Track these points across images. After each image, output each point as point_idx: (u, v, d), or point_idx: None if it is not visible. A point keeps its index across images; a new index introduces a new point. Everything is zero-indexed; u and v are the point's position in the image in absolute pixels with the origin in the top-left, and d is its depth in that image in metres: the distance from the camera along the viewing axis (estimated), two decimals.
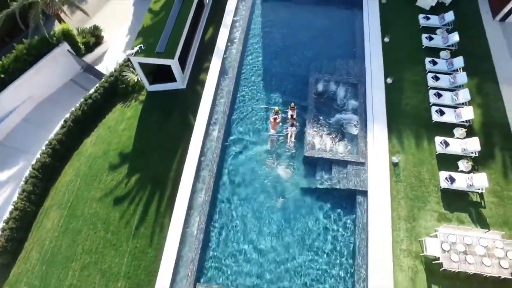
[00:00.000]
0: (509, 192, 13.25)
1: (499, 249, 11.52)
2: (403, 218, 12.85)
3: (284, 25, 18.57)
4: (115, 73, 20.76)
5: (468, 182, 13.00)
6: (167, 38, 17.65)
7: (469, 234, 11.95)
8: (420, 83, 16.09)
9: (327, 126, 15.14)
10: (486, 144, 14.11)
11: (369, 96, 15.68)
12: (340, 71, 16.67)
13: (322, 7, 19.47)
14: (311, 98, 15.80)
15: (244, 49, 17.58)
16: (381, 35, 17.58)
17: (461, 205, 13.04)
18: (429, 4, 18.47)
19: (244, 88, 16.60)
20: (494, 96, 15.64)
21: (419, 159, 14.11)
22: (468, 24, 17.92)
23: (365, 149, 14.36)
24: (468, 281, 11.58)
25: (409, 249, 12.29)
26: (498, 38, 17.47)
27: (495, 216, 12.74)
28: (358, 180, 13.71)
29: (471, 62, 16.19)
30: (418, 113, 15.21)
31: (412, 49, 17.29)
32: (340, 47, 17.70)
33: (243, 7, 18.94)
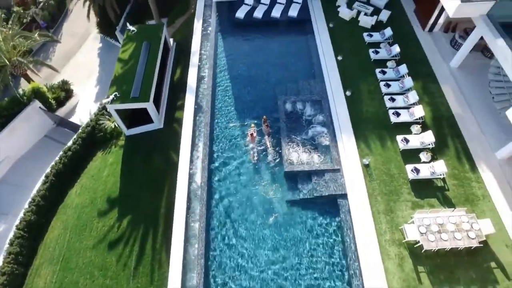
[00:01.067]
0: (465, 173, 15.12)
1: (466, 223, 13.11)
2: (382, 212, 14.24)
3: (247, 57, 20.27)
4: (91, 123, 21.41)
5: (431, 170, 14.74)
6: (140, 83, 18.76)
7: (440, 215, 13.50)
8: (375, 92, 18.12)
9: (300, 142, 16.56)
10: (439, 135, 16.10)
11: (333, 109, 17.42)
12: (304, 91, 18.43)
13: (278, 36, 21.46)
14: (281, 118, 17.28)
15: (214, 84, 18.98)
16: (334, 55, 19.68)
17: (429, 191, 14.68)
18: (370, 24, 21.03)
19: (219, 118, 17.83)
20: (437, 93, 17.92)
21: (386, 157, 15.79)
22: (404, 36, 20.54)
23: (338, 157, 15.85)
24: (446, 256, 12.98)
25: (392, 239, 13.59)
26: (430, 46, 20.15)
27: (458, 196, 14.46)
28: (336, 185, 15.08)
29: (413, 68, 18.55)
30: (378, 118, 17.08)
31: (363, 63, 19.45)
32: (300, 70, 19.55)
33: (207, 46, 20.51)
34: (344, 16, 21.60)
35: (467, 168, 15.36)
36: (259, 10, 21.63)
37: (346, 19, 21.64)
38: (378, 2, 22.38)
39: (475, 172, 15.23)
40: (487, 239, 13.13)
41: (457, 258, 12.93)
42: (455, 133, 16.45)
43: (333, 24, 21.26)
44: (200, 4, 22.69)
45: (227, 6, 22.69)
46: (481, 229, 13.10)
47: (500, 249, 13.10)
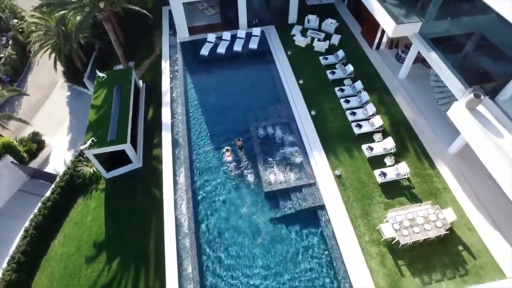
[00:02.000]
0: (426, 171, 16.83)
1: (432, 215, 14.59)
2: (359, 216, 15.46)
3: (216, 89, 21.51)
4: (69, 171, 21.53)
5: (396, 172, 16.31)
6: (116, 126, 19.38)
7: (410, 211, 14.90)
8: (336, 108, 19.83)
9: (276, 163, 17.72)
10: (398, 140, 17.87)
11: (301, 129, 18.86)
12: (273, 115, 19.82)
13: (243, 68, 23.01)
14: (255, 143, 18.47)
15: (188, 118, 19.96)
16: (296, 79, 21.42)
17: (397, 191, 16.16)
18: (324, 48, 23.18)
19: (197, 150, 18.68)
20: (391, 103, 19.94)
21: (355, 166, 17.24)
22: (356, 56, 22.79)
23: (312, 171, 17.11)
24: (421, 247, 14.28)
25: (371, 239, 14.76)
26: (379, 62, 22.49)
27: (422, 192, 16.04)
28: (314, 198, 16.23)
29: (367, 83, 20.59)
30: (342, 131, 18.67)
31: (323, 84, 21.28)
32: (267, 96, 21.02)
33: (176, 84, 21.64)
34: (300, 44, 23.66)
35: (426, 166, 17.09)
36: (222, 46, 23.23)
37: (302, 46, 23.69)
38: (328, 28, 24.76)
39: (434, 168, 16.98)
40: (452, 226, 14.64)
41: (430, 247, 14.26)
42: (411, 136, 18.32)
43: (291, 51, 23.22)
44: (165, 45, 24.04)
45: (191, 45, 24.13)
46: (445, 218, 14.62)
47: (464, 233, 14.63)
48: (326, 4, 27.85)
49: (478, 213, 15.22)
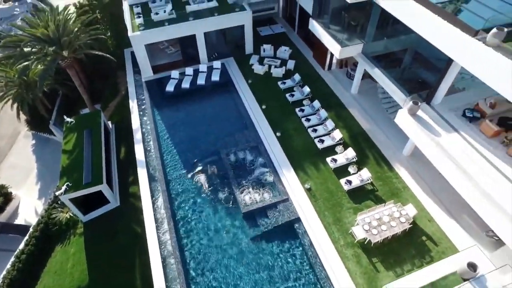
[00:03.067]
0: (386, 173, 18.58)
1: (396, 212, 16.14)
2: (332, 224, 16.71)
3: (185, 122, 22.46)
4: (43, 219, 21.31)
5: (360, 179, 17.89)
6: (90, 168, 19.75)
7: (376, 211, 16.37)
8: (299, 127, 21.42)
9: (250, 184, 18.77)
10: (358, 149, 19.62)
11: (269, 150, 20.16)
12: (241, 141, 21.02)
13: (208, 100, 24.14)
14: (228, 169, 19.49)
15: (161, 153, 20.64)
16: (259, 105, 22.92)
17: (363, 196, 17.68)
18: (281, 73, 25.10)
19: (173, 182, 19.35)
20: (348, 117, 21.89)
21: (323, 178, 18.67)
22: (311, 77, 24.86)
23: (284, 188, 18.30)
24: (390, 243, 15.68)
25: (346, 243, 15.99)
26: (333, 81, 24.69)
27: (385, 193, 17.68)
28: (289, 213, 17.34)
29: (324, 101, 22.52)
30: (307, 148, 20.18)
31: (284, 107, 22.92)
32: (234, 124, 22.26)
33: (146, 121, 22.41)
34: (259, 72, 25.46)
35: (386, 169, 18.87)
36: (186, 81, 24.47)
37: (261, 74, 25.48)
38: (283, 55, 26.86)
39: (392, 170, 18.79)
40: (414, 219, 16.25)
41: (398, 242, 15.69)
42: (369, 144, 20.18)
43: (252, 80, 24.89)
44: (131, 86, 24.91)
45: (156, 83, 25.15)
46: (408, 214, 16.21)
47: (425, 224, 16.27)
48: (279, 33, 30.19)
49: (434, 205, 17.01)
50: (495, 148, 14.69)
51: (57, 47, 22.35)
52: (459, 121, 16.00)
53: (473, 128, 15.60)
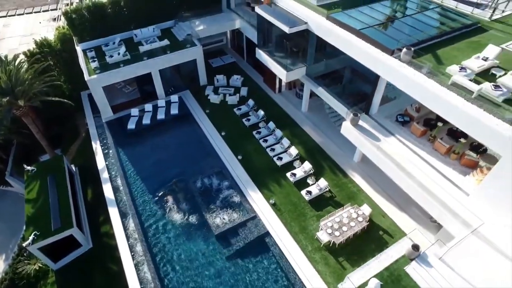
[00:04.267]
0: (341, 180, 20.55)
1: (354, 213, 17.96)
2: (299, 232, 18.13)
3: (150, 156, 23.18)
4: (7, 276, 20.66)
5: (318, 188, 19.63)
6: (58, 213, 19.71)
7: (336, 215, 18.07)
8: (258, 149, 23.00)
9: (219, 207, 19.84)
10: (314, 161, 21.52)
11: (233, 173, 21.45)
12: (206, 167, 22.14)
13: (170, 132, 25.06)
14: (196, 195, 20.48)
15: (130, 189, 21.13)
16: (218, 132, 24.32)
17: (324, 203, 19.39)
18: (236, 101, 26.85)
19: (146, 215, 19.90)
20: (301, 133, 23.91)
21: (285, 192, 20.20)
22: (264, 101, 26.82)
23: (251, 206, 19.56)
24: (352, 242, 17.33)
25: (313, 248, 17.42)
26: (284, 102, 26.84)
27: (343, 197, 19.54)
28: (258, 228, 18.56)
29: (279, 121, 24.44)
30: (268, 166, 21.73)
31: (242, 131, 24.50)
32: (197, 152, 23.36)
33: (111, 160, 22.84)
34: (215, 101, 27.01)
35: (341, 176, 20.84)
36: (146, 117, 25.36)
37: (217, 103, 27.04)
38: (236, 83, 28.75)
39: (346, 177, 20.79)
40: (370, 217, 18.13)
41: (359, 239, 17.41)
42: (323, 156, 22.18)
43: (209, 109, 26.35)
44: (92, 127, 25.31)
45: (117, 122, 25.71)
46: (364, 213, 18.09)
47: (380, 220, 18.21)
48: (229, 63, 32.24)
49: (386, 202, 19.10)
50: (424, 145, 17.20)
51: (11, 97, 22.42)
52: (394, 126, 18.45)
53: (406, 131, 18.10)
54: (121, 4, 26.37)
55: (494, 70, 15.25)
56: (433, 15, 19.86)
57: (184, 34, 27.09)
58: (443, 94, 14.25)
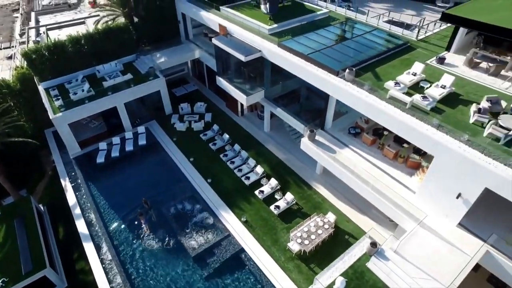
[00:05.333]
0: (306, 192, 22.08)
1: (320, 221, 19.41)
2: (271, 245, 19.23)
3: (122, 188, 23.55)
4: None
5: (285, 202, 20.99)
6: (28, 255, 19.38)
7: (304, 225, 19.41)
8: (226, 170, 24.14)
9: (193, 230, 20.56)
10: (279, 177, 22.97)
11: (204, 196, 22.33)
12: (178, 193, 22.89)
13: (140, 162, 25.65)
14: (171, 220, 21.10)
15: (104, 222, 21.28)
16: (187, 158, 25.24)
17: (292, 215, 20.72)
18: (201, 127, 28.01)
19: (123, 245, 20.15)
20: (265, 152, 25.43)
21: (256, 209, 21.36)
22: (228, 125, 28.21)
23: (224, 226, 20.47)
24: (322, 248, 18.67)
25: (286, 258, 18.55)
26: (248, 124, 28.39)
27: (309, 208, 21.00)
28: (233, 246, 19.45)
29: (243, 143, 25.83)
30: (237, 186, 22.86)
31: (210, 155, 25.58)
32: (168, 179, 24.03)
33: (83, 196, 22.88)
34: (181, 129, 28.02)
35: (306, 189, 22.38)
36: (115, 150, 25.74)
37: (183, 130, 28.05)
38: (200, 109, 30.00)
39: (311, 188, 22.36)
40: (336, 224, 19.65)
41: (328, 245, 18.78)
42: (288, 171, 23.72)
43: (176, 137, 27.27)
44: (59, 164, 25.23)
45: (86, 157, 25.82)
46: (330, 220, 19.60)
47: (345, 225, 19.79)
48: (192, 91, 33.56)
49: (349, 208, 20.78)
50: (374, 152, 19.22)
51: None
52: (347, 138, 20.41)
53: (358, 141, 20.09)
54: (82, 42, 27.04)
55: (422, 83, 17.71)
56: (371, 38, 22.49)
57: (147, 67, 28.15)
58: (382, 107, 16.35)
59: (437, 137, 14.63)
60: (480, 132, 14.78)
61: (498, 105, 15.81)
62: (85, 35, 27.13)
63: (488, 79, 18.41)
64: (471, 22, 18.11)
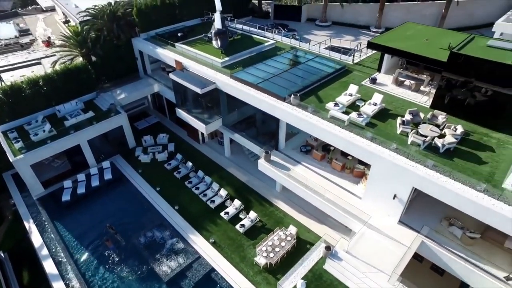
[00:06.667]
0: (268, 209, 23.75)
1: (283, 235, 21.04)
2: (240, 262, 20.48)
3: (91, 223, 23.71)
4: None
5: (250, 220, 22.49)
6: None
7: (269, 240, 20.91)
8: (192, 196, 25.29)
9: (164, 256, 21.38)
10: (243, 198, 24.54)
11: (173, 223, 23.28)
12: (147, 222, 23.62)
13: (107, 197, 25.93)
14: (142, 249, 21.78)
15: (74, 259, 21.37)
16: (153, 188, 26.15)
17: (257, 232, 22.20)
18: (165, 157, 29.13)
19: (95, 281, 20.38)
20: (228, 176, 26.96)
21: (222, 230, 22.62)
22: (190, 153, 29.59)
23: (194, 249, 21.50)
24: (286, 259, 20.15)
25: (254, 272, 19.84)
26: (209, 151, 29.94)
27: (272, 224, 22.61)
28: (204, 267, 20.49)
29: (206, 168, 27.29)
30: (203, 210, 24.07)
31: (175, 183, 26.63)
32: (136, 210, 24.62)
33: (50, 235, 22.79)
34: (146, 160, 28.96)
35: (267, 206, 24.07)
36: (80, 186, 26.05)
37: (148, 162, 29.00)
38: (162, 140, 31.19)
39: (272, 205, 24.09)
40: (297, 235, 21.37)
41: (292, 255, 20.27)
42: (250, 191, 25.38)
43: (141, 169, 28.14)
44: (21, 207, 24.98)
45: (50, 197, 25.74)
46: (291, 232, 21.31)
47: (306, 235, 21.57)
48: (154, 123, 34.69)
49: (308, 219, 22.65)
50: (324, 166, 21.47)
51: None
52: (299, 155, 22.58)
53: (309, 158, 22.29)
54: (40, 84, 27.53)
55: (358, 102, 20.43)
56: (314, 64, 25.34)
57: (108, 104, 29.10)
58: (325, 126, 18.72)
59: (371, 148, 17.08)
60: (405, 141, 17.44)
61: (418, 116, 18.73)
62: (43, 76, 27.69)
63: (412, 95, 21.58)
64: (388, 49, 21.42)
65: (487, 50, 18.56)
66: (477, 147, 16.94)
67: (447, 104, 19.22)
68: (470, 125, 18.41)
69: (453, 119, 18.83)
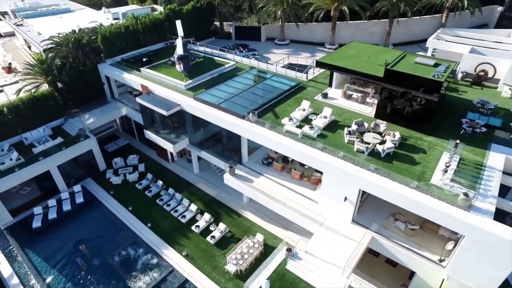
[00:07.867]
0: (237, 220, 25.28)
1: (251, 242, 22.58)
2: (211, 271, 21.75)
3: (64, 247, 24.15)
4: None
5: (219, 231, 23.89)
6: None
7: (238, 248, 22.36)
8: (164, 213, 26.35)
9: (139, 271, 22.28)
10: (213, 211, 25.95)
11: (146, 240, 24.22)
12: (121, 241, 24.42)
13: (79, 220, 26.39)
14: (117, 268, 22.55)
15: (45, 280, 21.75)
16: (126, 208, 26.97)
17: (226, 242, 23.62)
18: (136, 177, 30.04)
19: None
20: (197, 191, 28.32)
21: (194, 243, 23.84)
22: (160, 172, 30.72)
23: (167, 263, 22.54)
24: (255, 264, 21.42)
25: (226, 279, 21.17)
26: (179, 168, 31.19)
27: (241, 233, 24.12)
28: (177, 279, 21.57)
29: (176, 186, 28.50)
30: (175, 226, 25.18)
31: (146, 201, 27.62)
32: (109, 230, 25.31)
33: (21, 264, 22.91)
34: (117, 182, 29.72)
35: (236, 217, 25.59)
36: (52, 212, 26.32)
37: (119, 183, 29.78)
38: (133, 161, 32.08)
39: (240, 216, 25.64)
40: (265, 242, 22.97)
41: (260, 261, 21.49)
42: (219, 204, 26.85)
43: (113, 191, 28.85)
44: None
45: (19, 225, 25.80)
46: (259, 240, 22.89)
47: (273, 242, 23.22)
48: (124, 145, 35.50)
49: (274, 226, 24.36)
50: (285, 176, 23.43)
51: None
52: (262, 168, 24.43)
53: (270, 169, 24.19)
54: (4, 112, 27.78)
55: (311, 116, 22.66)
56: (271, 83, 27.55)
57: (76, 129, 29.77)
58: (281, 140, 20.70)
59: (322, 157, 19.19)
60: (352, 149, 19.71)
61: (363, 126, 21.15)
62: (7, 105, 27.96)
63: (359, 107, 24.13)
64: (334, 67, 24.00)
65: (414, 66, 21.45)
66: (413, 150, 19.47)
67: (388, 113, 21.80)
68: (408, 131, 21.03)
69: (394, 126, 21.41)
